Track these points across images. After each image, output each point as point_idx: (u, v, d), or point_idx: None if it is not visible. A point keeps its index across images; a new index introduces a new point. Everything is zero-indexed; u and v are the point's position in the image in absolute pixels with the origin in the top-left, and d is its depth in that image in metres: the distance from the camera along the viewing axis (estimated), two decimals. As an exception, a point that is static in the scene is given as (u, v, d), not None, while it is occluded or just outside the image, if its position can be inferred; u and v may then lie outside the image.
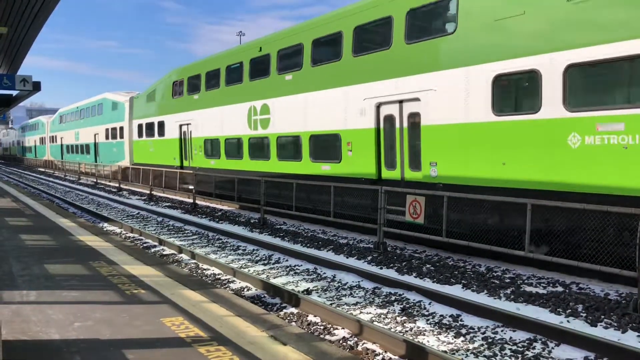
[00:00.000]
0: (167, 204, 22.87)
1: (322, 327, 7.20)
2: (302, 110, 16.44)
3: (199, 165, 23.17)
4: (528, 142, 10.17)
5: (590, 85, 9.67)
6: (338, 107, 14.90)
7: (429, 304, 8.21)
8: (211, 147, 22.21)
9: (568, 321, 7.40)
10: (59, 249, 10.20)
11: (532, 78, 10.15)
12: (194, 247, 13.29)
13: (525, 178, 10.25)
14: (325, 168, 15.59)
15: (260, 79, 18.68)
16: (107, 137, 35.63)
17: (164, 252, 12.58)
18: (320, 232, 14.97)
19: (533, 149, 10.09)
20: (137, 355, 4.93)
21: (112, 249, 10.22)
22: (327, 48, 15.50)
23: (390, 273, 10.17)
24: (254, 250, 12.84)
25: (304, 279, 10.04)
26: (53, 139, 52.06)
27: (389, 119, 13.43)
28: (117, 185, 30.99)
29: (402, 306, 8.18)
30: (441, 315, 7.72)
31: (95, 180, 35.95)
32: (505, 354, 6.38)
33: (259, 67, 18.68)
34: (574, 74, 9.53)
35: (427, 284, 9.36)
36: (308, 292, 9.06)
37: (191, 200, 21.48)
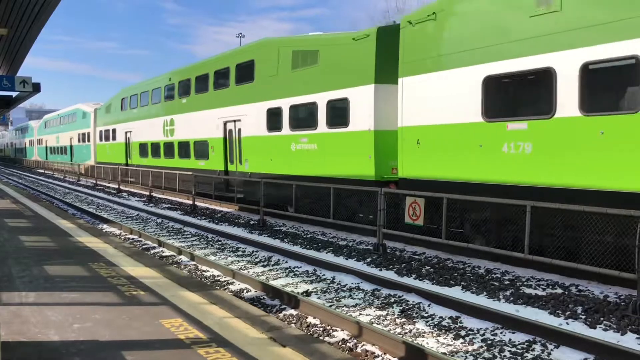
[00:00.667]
0: (167, 206, 22.87)
1: (321, 329, 7.19)
2: (190, 123, 23.87)
3: (136, 163, 30.52)
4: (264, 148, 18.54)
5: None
6: (207, 123, 22.14)
7: (429, 305, 8.21)
8: (142, 149, 29.57)
9: (567, 323, 7.40)
10: (58, 250, 10.20)
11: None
12: (194, 248, 13.29)
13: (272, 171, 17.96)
14: (201, 164, 22.93)
15: (170, 100, 26.15)
16: (79, 141, 43.17)
17: (164, 254, 12.58)
18: (320, 234, 14.97)
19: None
20: (136, 356, 4.93)
21: (112, 250, 10.22)
22: (203, 83, 22.83)
23: (390, 275, 10.17)
24: (253, 251, 12.84)
25: (304, 280, 10.04)
26: (40, 142, 59.75)
27: (230, 131, 20.87)
28: (116, 186, 31.06)
29: (401, 308, 8.18)
30: (440, 317, 7.71)
31: (94, 181, 36.08)
32: (505, 355, 6.38)
33: (169, 92, 26.23)
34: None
35: (427, 285, 9.36)
36: (307, 293, 9.06)
37: (191, 202, 21.49)
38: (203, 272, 10.69)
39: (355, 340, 6.74)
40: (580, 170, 9.23)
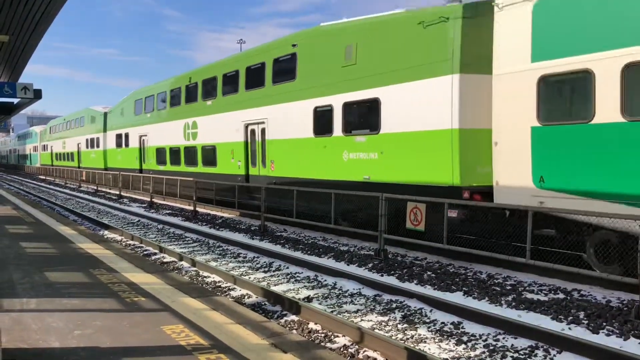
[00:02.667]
0: (168, 212, 22.87)
1: (322, 335, 7.17)
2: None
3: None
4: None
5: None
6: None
7: (430, 311, 8.18)
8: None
9: (570, 328, 7.38)
10: (59, 257, 10.19)
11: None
12: (195, 254, 13.27)
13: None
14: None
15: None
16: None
17: (165, 260, 12.57)
18: (321, 239, 14.95)
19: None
20: (137, 363, 4.92)
21: (113, 257, 10.21)
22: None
23: (391, 280, 10.15)
24: (254, 257, 12.82)
25: (305, 286, 10.01)
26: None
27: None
28: (117, 192, 31.05)
29: (403, 313, 8.15)
30: (442, 323, 7.69)
31: (95, 187, 36.07)
32: (507, 361, 6.36)
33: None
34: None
35: (428, 291, 9.34)
36: (309, 299, 9.04)
37: (192, 208, 21.48)
38: (204, 278, 10.67)
39: (356, 346, 6.72)
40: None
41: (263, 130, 18.64)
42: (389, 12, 13.80)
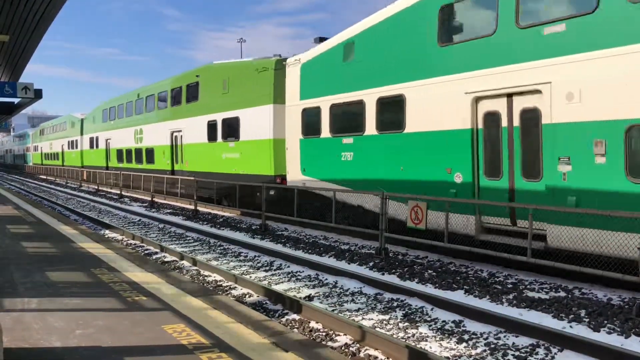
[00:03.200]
0: (169, 211, 22.88)
1: (324, 334, 7.18)
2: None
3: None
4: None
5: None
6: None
7: (431, 309, 8.18)
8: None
9: (571, 326, 7.37)
10: (60, 256, 10.20)
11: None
12: (196, 253, 13.28)
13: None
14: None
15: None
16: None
17: (166, 259, 12.58)
18: (322, 238, 14.95)
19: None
20: (138, 362, 4.92)
21: (114, 256, 10.22)
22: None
23: (392, 279, 10.15)
24: (255, 256, 12.82)
25: (306, 285, 10.02)
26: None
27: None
28: (118, 192, 31.11)
29: (404, 312, 8.16)
30: (443, 321, 7.69)
31: (96, 187, 36.16)
32: (508, 359, 6.36)
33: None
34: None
35: (429, 289, 9.34)
36: (310, 298, 9.04)
37: (192, 207, 21.49)
38: (205, 277, 10.67)
39: (358, 345, 6.72)
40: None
41: (181, 137, 25.57)
42: (245, 60, 20.84)
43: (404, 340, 6.88)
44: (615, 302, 8.32)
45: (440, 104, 11.65)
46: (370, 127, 13.62)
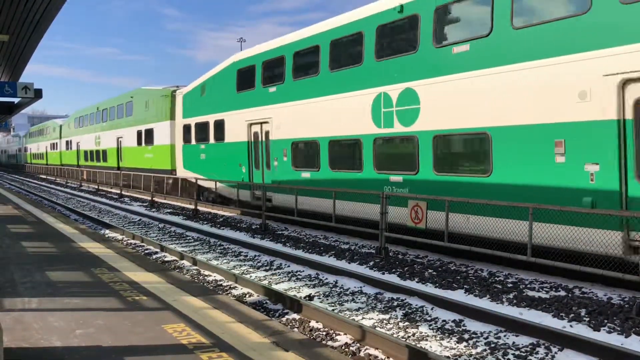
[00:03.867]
0: (169, 211, 22.89)
1: (324, 333, 7.18)
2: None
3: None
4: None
5: None
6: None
7: (432, 309, 8.19)
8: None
9: (571, 326, 7.38)
10: (60, 256, 10.20)
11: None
12: (196, 253, 13.28)
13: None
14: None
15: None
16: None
17: (166, 259, 12.58)
18: (322, 238, 14.95)
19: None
20: (138, 362, 4.92)
21: (114, 256, 10.22)
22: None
23: (393, 278, 10.15)
24: (255, 256, 12.82)
25: (306, 284, 10.02)
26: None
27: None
28: (118, 192, 31.15)
29: (404, 311, 8.16)
30: (444, 321, 7.69)
31: (97, 187, 36.21)
32: (509, 359, 6.36)
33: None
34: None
35: (430, 289, 9.34)
36: (310, 298, 9.04)
37: (193, 207, 21.50)
38: (205, 277, 10.68)
39: (358, 344, 6.72)
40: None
41: (122, 142, 34.68)
42: (159, 87, 29.55)
43: (404, 339, 6.88)
44: (615, 301, 8.32)
45: (237, 124, 19.43)
46: (212, 138, 21.33)
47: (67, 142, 49.63)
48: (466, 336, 7.08)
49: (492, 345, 6.75)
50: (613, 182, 8.73)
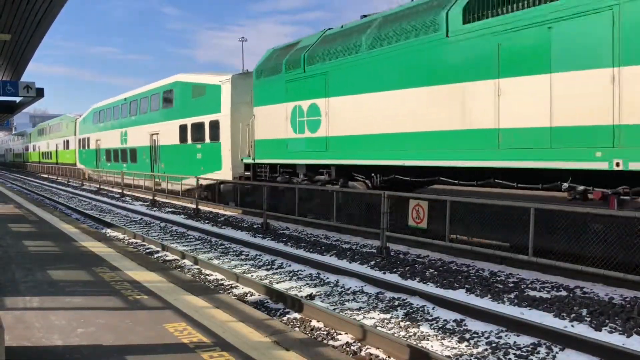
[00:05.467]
0: (170, 210, 22.90)
1: (325, 333, 7.18)
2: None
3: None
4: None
5: None
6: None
7: (433, 308, 8.18)
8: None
9: (572, 326, 7.37)
10: (61, 255, 10.21)
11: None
12: (197, 252, 13.29)
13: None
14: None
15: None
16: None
17: (167, 258, 12.59)
18: (323, 237, 14.95)
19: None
20: (140, 361, 4.92)
21: (115, 255, 10.23)
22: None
23: (394, 278, 10.14)
24: (257, 255, 12.83)
25: (307, 284, 10.02)
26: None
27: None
28: (119, 191, 31.16)
29: (405, 311, 8.16)
30: (445, 320, 7.69)
31: (98, 186, 36.25)
32: (510, 358, 6.36)
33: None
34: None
35: (431, 288, 9.33)
36: (311, 297, 9.05)
37: (194, 206, 21.51)
38: (207, 276, 10.68)
39: (359, 344, 6.72)
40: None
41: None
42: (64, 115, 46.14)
43: (405, 339, 6.88)
44: (616, 301, 8.31)
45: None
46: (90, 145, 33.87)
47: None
48: (467, 336, 7.08)
49: (494, 345, 6.75)
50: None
